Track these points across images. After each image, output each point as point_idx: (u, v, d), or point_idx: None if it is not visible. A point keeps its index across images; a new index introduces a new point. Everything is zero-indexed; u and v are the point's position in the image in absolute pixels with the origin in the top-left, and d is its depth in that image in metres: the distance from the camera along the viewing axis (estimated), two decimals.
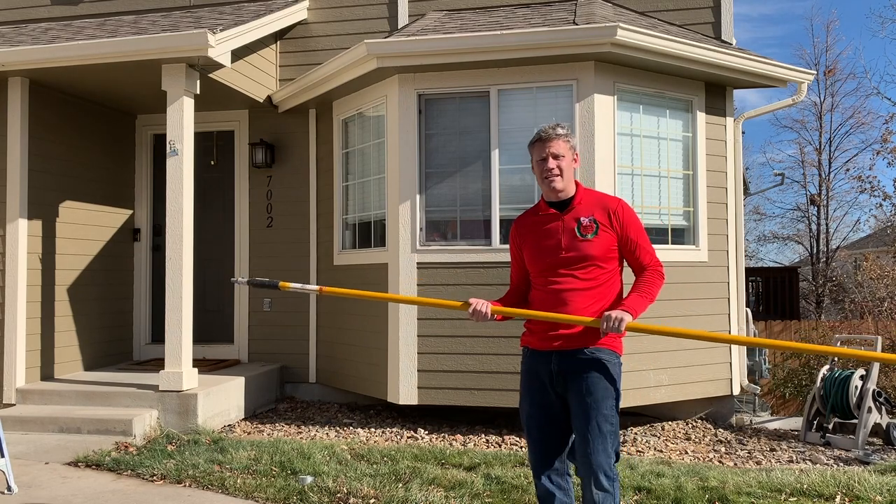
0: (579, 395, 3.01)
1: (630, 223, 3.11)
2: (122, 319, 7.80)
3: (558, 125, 3.19)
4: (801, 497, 4.36)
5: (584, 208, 3.12)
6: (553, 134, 3.15)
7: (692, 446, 6.03)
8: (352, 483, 4.48)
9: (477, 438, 6.03)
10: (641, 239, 3.13)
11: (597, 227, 3.07)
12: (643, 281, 3.10)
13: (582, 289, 3.05)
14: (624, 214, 3.11)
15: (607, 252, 3.08)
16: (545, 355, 3.10)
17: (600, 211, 3.11)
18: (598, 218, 3.09)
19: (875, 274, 13.48)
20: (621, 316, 2.91)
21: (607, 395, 3.00)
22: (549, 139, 3.14)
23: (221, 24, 6.44)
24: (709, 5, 7.10)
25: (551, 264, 3.10)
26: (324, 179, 7.62)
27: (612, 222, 3.09)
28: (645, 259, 3.13)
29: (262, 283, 3.74)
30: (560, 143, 3.13)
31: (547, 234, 3.14)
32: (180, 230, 6.03)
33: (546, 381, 3.10)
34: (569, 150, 3.15)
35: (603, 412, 2.98)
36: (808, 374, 10.86)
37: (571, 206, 3.13)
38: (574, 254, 3.06)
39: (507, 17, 6.91)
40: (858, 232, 26.48)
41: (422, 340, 6.29)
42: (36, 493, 4.44)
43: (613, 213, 3.10)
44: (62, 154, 6.93)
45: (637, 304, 3.01)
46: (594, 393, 2.99)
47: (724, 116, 6.94)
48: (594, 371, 3.02)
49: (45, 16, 8.29)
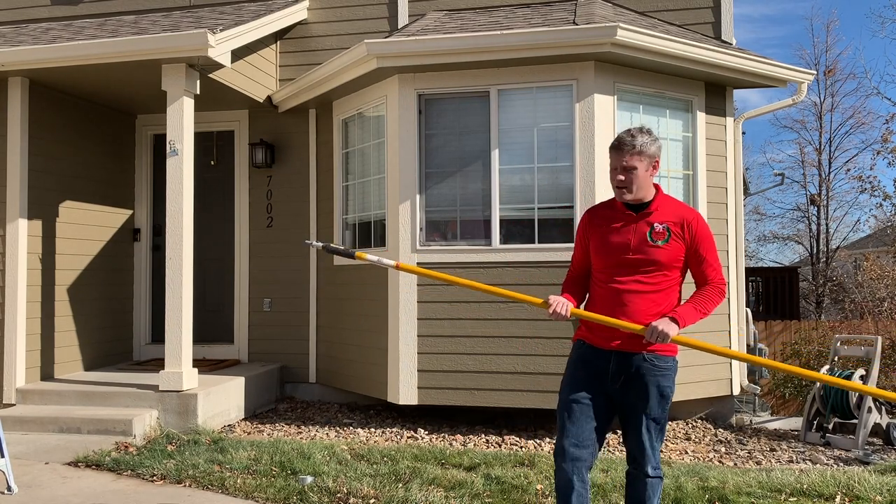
0: (634, 396, 3.14)
1: (703, 238, 3.15)
2: (122, 319, 7.80)
3: (640, 132, 3.14)
4: (801, 497, 4.36)
5: (660, 215, 3.16)
6: (629, 146, 3.10)
7: (692, 446, 6.03)
8: (352, 483, 4.48)
9: (477, 438, 6.03)
10: (710, 255, 3.17)
11: (668, 235, 3.13)
12: (702, 294, 3.15)
13: (643, 292, 3.12)
14: (698, 228, 3.15)
15: (674, 261, 3.14)
16: (604, 353, 3.17)
17: (675, 220, 3.15)
18: (671, 226, 3.14)
19: (875, 274, 13.48)
20: (667, 330, 2.99)
21: (661, 400, 3.14)
22: (623, 151, 3.11)
23: (221, 24, 6.44)
24: (709, 5, 7.10)
25: (616, 263, 3.16)
26: (324, 179, 7.62)
27: (685, 233, 3.14)
28: (710, 274, 3.17)
29: (337, 250, 3.56)
30: (634, 156, 3.09)
31: (617, 232, 3.19)
32: (180, 230, 6.03)
33: (600, 376, 3.17)
34: (644, 160, 3.11)
35: (654, 415, 3.14)
36: None
37: (648, 211, 3.18)
38: (641, 257, 3.12)
39: (507, 17, 6.91)
40: (858, 232, 26.50)
41: (422, 340, 6.29)
42: (36, 493, 4.44)
43: (687, 225, 3.14)
44: (62, 154, 6.93)
45: (689, 315, 3.08)
46: (649, 397, 3.12)
47: (724, 116, 6.94)
48: (650, 375, 3.12)
49: (46, 16, 8.29)
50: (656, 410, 3.14)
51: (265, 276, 7.81)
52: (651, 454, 3.16)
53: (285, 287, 7.74)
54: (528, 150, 6.25)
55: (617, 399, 3.18)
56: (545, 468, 4.88)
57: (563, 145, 6.18)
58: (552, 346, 6.03)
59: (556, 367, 5.96)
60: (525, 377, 6.08)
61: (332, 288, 7.42)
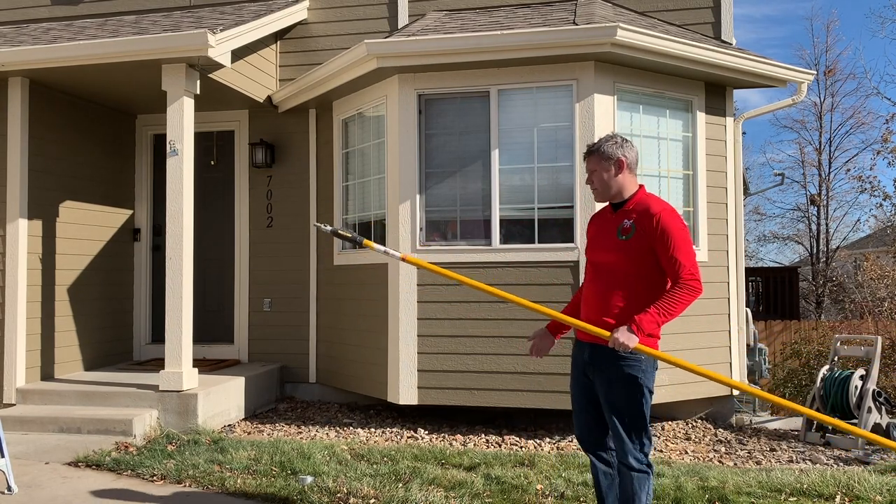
0: (603, 386, 3.24)
1: (670, 231, 3.08)
2: (122, 319, 7.80)
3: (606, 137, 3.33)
4: (801, 497, 4.36)
5: (632, 212, 3.23)
6: (589, 151, 3.34)
7: (692, 446, 6.03)
8: (352, 483, 4.48)
9: (477, 438, 6.04)
10: (679, 250, 3.08)
11: (633, 231, 3.16)
12: (669, 295, 3.08)
13: (616, 289, 3.18)
14: (663, 221, 3.10)
15: (641, 256, 3.14)
16: (581, 346, 3.37)
17: (643, 215, 3.17)
18: (637, 222, 3.16)
19: (875, 274, 13.48)
20: (626, 341, 3.00)
21: (629, 389, 3.16)
22: (587, 157, 3.36)
23: (222, 24, 6.44)
24: (709, 5, 7.10)
25: (594, 261, 3.31)
26: (324, 179, 7.62)
27: (649, 227, 3.13)
28: (678, 270, 3.07)
29: (345, 235, 3.59)
30: (591, 158, 3.32)
31: (601, 231, 3.35)
32: (180, 230, 6.03)
33: (582, 368, 3.36)
34: (603, 162, 3.27)
35: (621, 405, 3.17)
36: (808, 374, 10.87)
37: (623, 210, 3.27)
38: (612, 254, 3.20)
39: (507, 17, 6.91)
40: (858, 232, 26.49)
41: (422, 340, 6.29)
42: (36, 493, 4.45)
43: (652, 218, 3.13)
44: (62, 154, 6.93)
45: (648, 320, 3.03)
46: (615, 387, 3.18)
47: (724, 116, 6.94)
48: (613, 367, 3.17)
49: (46, 16, 8.29)
50: (624, 400, 3.15)
51: (265, 276, 7.81)
52: (629, 445, 3.14)
53: (285, 287, 7.74)
54: (528, 150, 6.25)
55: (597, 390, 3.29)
56: (545, 468, 4.88)
57: (563, 145, 6.18)
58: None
59: (555, 367, 5.96)
60: (525, 377, 6.08)
61: (332, 288, 7.42)
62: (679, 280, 3.08)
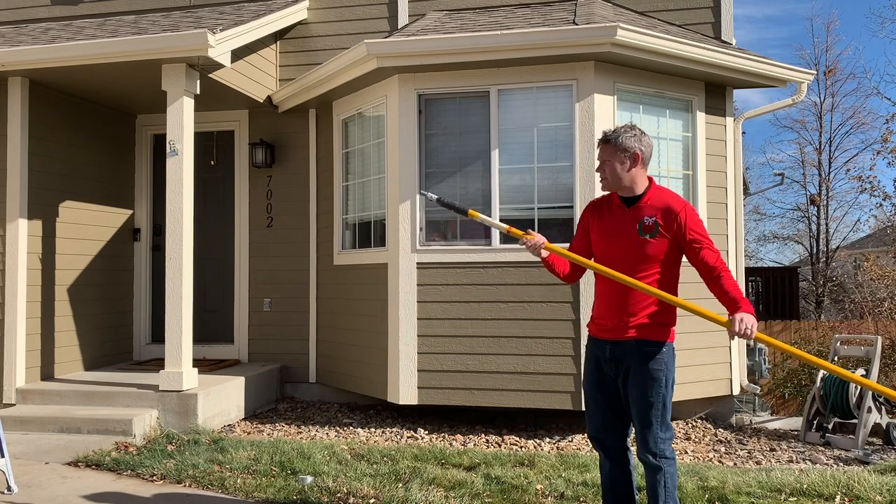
0: (628, 382, 3.24)
1: (693, 226, 3.18)
2: (122, 319, 7.80)
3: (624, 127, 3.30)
4: (801, 497, 4.36)
5: (649, 208, 3.24)
6: (604, 139, 3.30)
7: (692, 446, 6.03)
8: (352, 483, 4.48)
9: (477, 438, 6.04)
10: (706, 241, 3.19)
11: (656, 229, 3.19)
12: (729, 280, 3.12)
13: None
14: (686, 218, 3.19)
15: (664, 253, 3.20)
16: (601, 343, 3.33)
17: (663, 212, 3.20)
18: (659, 219, 3.19)
19: (875, 274, 13.48)
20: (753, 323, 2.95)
21: (652, 383, 3.18)
22: (601, 145, 3.32)
23: (221, 24, 6.44)
24: (709, 5, 7.10)
25: (611, 256, 3.28)
26: (324, 179, 7.62)
27: (673, 225, 3.18)
28: (712, 259, 3.16)
29: (452, 204, 3.66)
30: (606, 147, 3.29)
31: (611, 224, 3.32)
32: (180, 230, 6.03)
33: (602, 365, 3.34)
34: (619, 153, 3.25)
35: (646, 399, 3.18)
36: (807, 374, 10.88)
37: (638, 205, 3.27)
38: (633, 250, 3.21)
39: (507, 17, 6.91)
40: (858, 232, 26.46)
41: (422, 340, 6.29)
42: (36, 493, 4.44)
43: (675, 216, 3.19)
44: (62, 154, 6.93)
45: (747, 302, 3.09)
46: (639, 382, 3.19)
47: (724, 116, 6.94)
48: (640, 360, 3.19)
49: (46, 16, 8.29)
50: (648, 394, 3.18)
51: (265, 276, 7.81)
52: (660, 436, 3.19)
53: (285, 287, 7.74)
54: (528, 150, 6.25)
55: (619, 385, 3.30)
56: (545, 468, 4.88)
57: (563, 145, 6.18)
58: (552, 347, 6.03)
59: (555, 367, 5.96)
60: (525, 377, 6.08)
61: (332, 288, 7.42)
62: (720, 263, 3.16)
